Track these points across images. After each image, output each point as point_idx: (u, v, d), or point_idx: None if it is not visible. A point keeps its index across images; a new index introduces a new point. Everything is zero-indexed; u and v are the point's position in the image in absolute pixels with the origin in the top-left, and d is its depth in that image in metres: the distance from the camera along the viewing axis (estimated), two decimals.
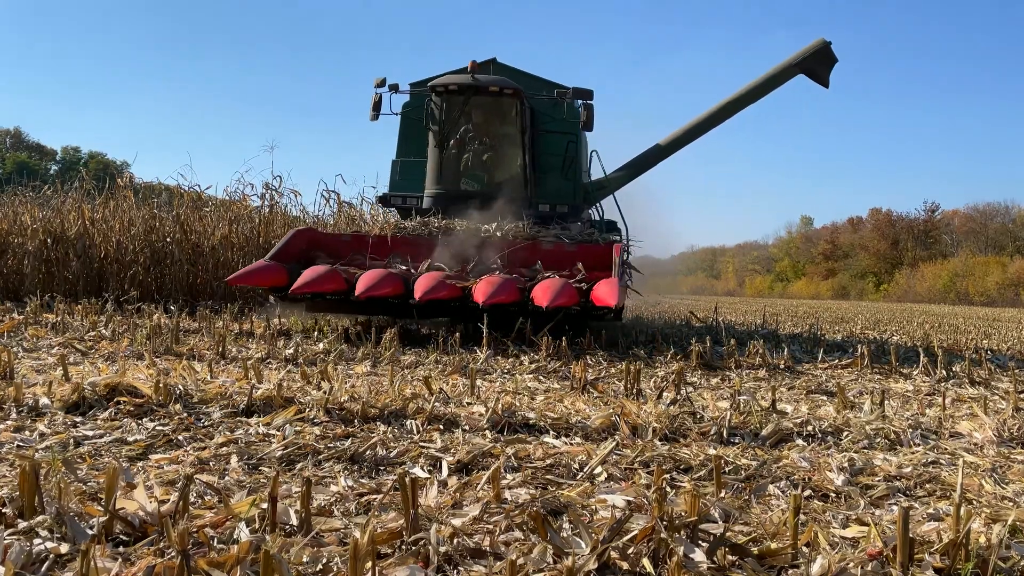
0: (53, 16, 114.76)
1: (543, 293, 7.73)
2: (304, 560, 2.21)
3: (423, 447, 3.56)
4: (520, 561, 2.20)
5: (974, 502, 3.06)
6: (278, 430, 3.80)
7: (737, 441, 4.00)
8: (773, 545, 2.46)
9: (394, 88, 10.92)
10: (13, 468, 2.97)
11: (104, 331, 7.71)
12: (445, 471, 3.22)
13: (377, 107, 10.75)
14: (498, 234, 9.59)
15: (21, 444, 3.39)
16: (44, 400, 4.10)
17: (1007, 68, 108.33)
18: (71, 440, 3.48)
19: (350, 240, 9.80)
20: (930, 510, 2.95)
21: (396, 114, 11.12)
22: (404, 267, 8.84)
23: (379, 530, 2.39)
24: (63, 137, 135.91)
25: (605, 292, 7.69)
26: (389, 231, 9.93)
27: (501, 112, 10.89)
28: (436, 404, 4.30)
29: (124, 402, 4.13)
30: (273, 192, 14.20)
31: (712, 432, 4.07)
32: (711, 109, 12.26)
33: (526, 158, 10.81)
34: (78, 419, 3.90)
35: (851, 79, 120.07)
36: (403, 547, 2.35)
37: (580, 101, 10.82)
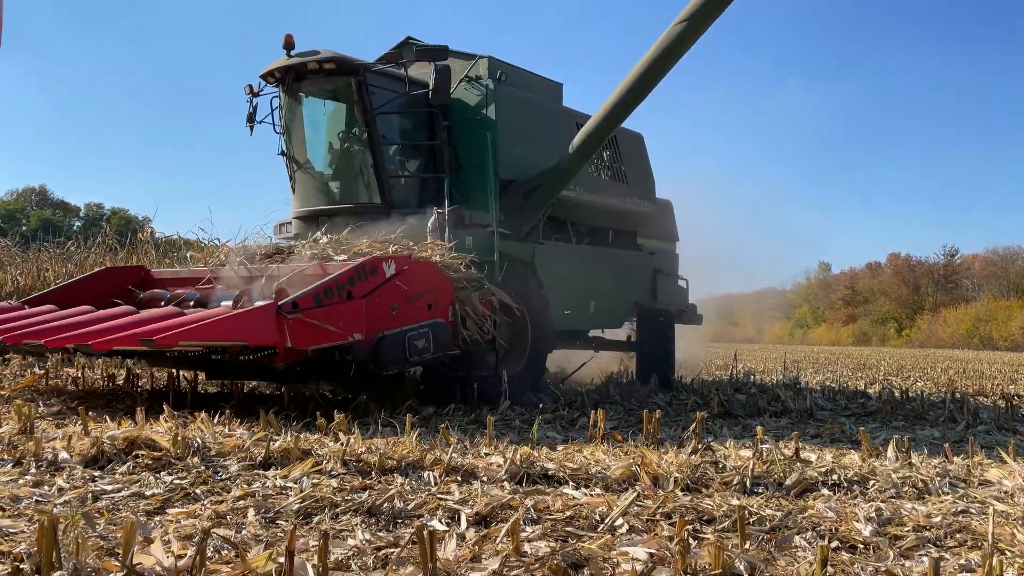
0: (77, 77, 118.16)
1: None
2: None
3: (441, 499, 3.52)
4: None
5: (1006, 552, 2.98)
6: (295, 483, 3.78)
7: (761, 491, 3.93)
8: None
9: (248, 89, 8.49)
10: (31, 523, 2.96)
11: (123, 384, 7.75)
12: (463, 524, 3.19)
13: (251, 118, 8.46)
14: (240, 255, 7.40)
15: (40, 499, 3.39)
16: (63, 454, 4.11)
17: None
18: (89, 494, 3.48)
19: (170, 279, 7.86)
20: (961, 561, 2.88)
21: (260, 122, 8.52)
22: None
23: None
24: (87, 194, 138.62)
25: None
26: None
27: (334, 98, 8.40)
28: (454, 455, 4.26)
29: (142, 456, 4.14)
30: None
31: (735, 482, 4.00)
32: (659, 41, 7.31)
33: (376, 154, 7.96)
34: (96, 473, 3.90)
35: (866, 124, 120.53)
36: None
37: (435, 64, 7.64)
